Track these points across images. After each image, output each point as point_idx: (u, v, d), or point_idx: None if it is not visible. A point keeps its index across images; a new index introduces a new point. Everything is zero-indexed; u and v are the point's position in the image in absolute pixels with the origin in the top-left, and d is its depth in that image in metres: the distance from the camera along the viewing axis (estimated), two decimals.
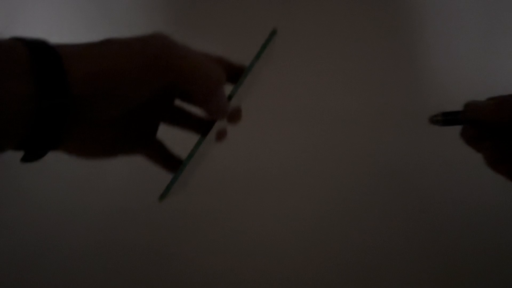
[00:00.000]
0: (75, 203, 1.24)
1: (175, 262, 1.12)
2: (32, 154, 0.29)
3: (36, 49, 0.27)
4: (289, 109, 1.35)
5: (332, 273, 1.10)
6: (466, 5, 1.44)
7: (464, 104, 0.36)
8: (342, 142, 1.29)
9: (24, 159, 0.30)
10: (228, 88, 0.36)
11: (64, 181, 1.30)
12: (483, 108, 0.34)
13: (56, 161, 1.31)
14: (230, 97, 0.36)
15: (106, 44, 0.30)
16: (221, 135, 0.40)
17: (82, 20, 1.53)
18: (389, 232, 1.16)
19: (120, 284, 1.09)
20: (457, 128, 0.37)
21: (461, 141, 0.38)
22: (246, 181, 1.25)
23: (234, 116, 0.40)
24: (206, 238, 1.16)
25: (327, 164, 1.26)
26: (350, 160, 1.27)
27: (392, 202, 1.20)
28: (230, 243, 1.14)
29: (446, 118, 0.37)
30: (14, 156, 0.32)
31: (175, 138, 0.50)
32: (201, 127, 0.36)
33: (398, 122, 1.31)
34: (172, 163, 0.38)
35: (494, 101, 0.34)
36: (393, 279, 1.08)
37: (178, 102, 0.39)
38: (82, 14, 1.53)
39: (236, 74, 0.37)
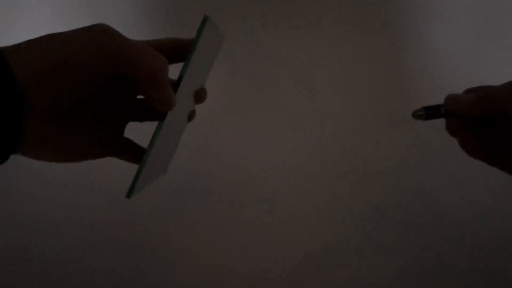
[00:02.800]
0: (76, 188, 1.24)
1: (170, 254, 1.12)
2: None
3: None
4: (280, 109, 1.35)
5: (327, 270, 1.10)
6: (461, 5, 1.44)
7: (445, 97, 0.38)
8: (334, 142, 1.29)
9: None
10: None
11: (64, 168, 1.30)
12: (463, 102, 0.36)
13: None
14: (180, 78, 0.35)
15: (48, 37, 0.30)
16: (191, 116, 0.41)
17: (81, 20, 1.53)
18: (384, 231, 1.15)
19: (119, 273, 1.09)
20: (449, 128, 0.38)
21: (453, 139, 0.38)
22: (237, 179, 1.25)
23: (199, 97, 0.40)
24: (199, 234, 1.16)
25: (318, 163, 1.26)
26: (343, 160, 1.26)
27: (386, 202, 1.20)
28: (222, 240, 1.14)
29: (428, 112, 0.38)
30: None
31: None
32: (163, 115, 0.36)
33: (392, 123, 1.31)
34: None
35: (473, 96, 0.35)
36: (391, 277, 1.08)
37: (140, 96, 0.38)
38: (80, 14, 1.54)
39: (186, 50, 0.38)
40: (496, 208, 1.18)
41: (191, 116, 0.41)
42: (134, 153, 0.39)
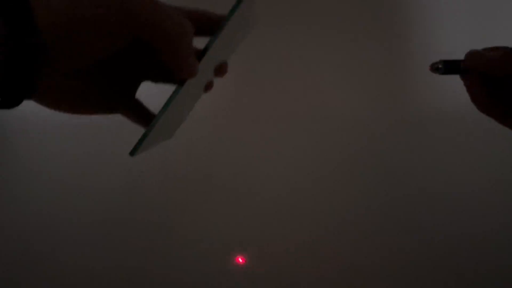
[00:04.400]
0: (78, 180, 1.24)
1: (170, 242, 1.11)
2: (7, 100, 0.28)
3: None
4: (286, 108, 1.35)
5: (329, 273, 1.10)
6: (461, 5, 1.44)
7: (466, 53, 0.36)
8: (341, 142, 1.29)
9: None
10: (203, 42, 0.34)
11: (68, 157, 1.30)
12: (488, 60, 0.34)
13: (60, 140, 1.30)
14: (206, 49, 0.34)
15: None
16: (208, 87, 0.40)
17: None
18: (384, 231, 1.16)
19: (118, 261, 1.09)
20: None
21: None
22: (243, 180, 1.25)
23: (220, 70, 0.39)
24: (201, 239, 1.16)
25: (318, 163, 1.26)
26: (343, 160, 1.27)
27: (390, 201, 1.20)
28: (226, 244, 1.15)
29: (446, 66, 0.37)
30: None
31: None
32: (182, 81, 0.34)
33: (397, 122, 1.31)
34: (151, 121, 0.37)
35: (499, 55, 0.34)
36: (391, 276, 1.08)
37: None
38: None
39: (215, 26, 0.36)
40: (497, 208, 1.18)
41: (208, 87, 0.40)
42: (142, 114, 0.38)
